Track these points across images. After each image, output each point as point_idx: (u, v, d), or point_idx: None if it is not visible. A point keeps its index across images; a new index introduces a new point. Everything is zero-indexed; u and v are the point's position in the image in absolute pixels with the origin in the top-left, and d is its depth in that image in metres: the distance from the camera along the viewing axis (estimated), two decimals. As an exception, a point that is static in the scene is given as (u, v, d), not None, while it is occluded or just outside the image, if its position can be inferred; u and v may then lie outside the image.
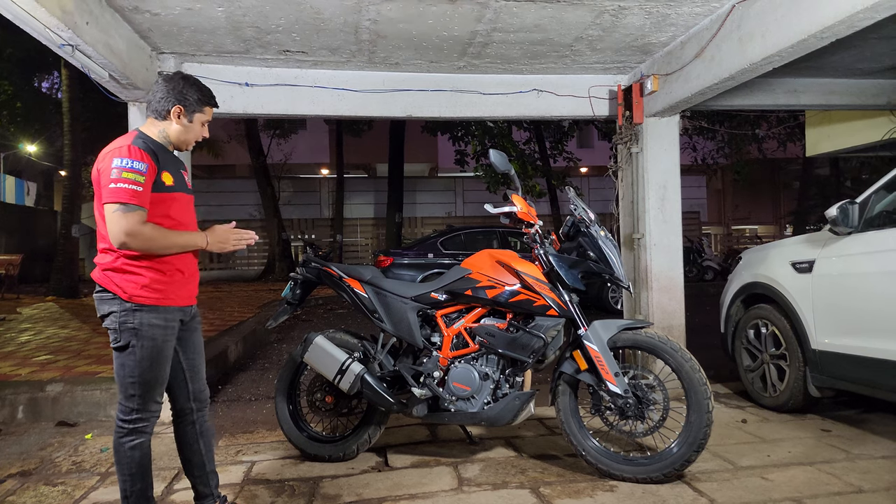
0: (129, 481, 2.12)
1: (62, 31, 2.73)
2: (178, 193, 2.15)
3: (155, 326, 2.07)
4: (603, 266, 2.81)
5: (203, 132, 2.26)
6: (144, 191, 1.99)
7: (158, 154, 2.09)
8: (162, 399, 2.18)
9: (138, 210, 1.97)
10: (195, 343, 2.30)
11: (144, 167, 1.99)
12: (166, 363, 2.14)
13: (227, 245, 2.19)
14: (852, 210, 3.26)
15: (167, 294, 2.10)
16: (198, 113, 2.20)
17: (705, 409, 2.62)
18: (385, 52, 3.96)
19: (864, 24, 2.69)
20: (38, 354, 5.01)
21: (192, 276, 2.22)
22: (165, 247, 2.06)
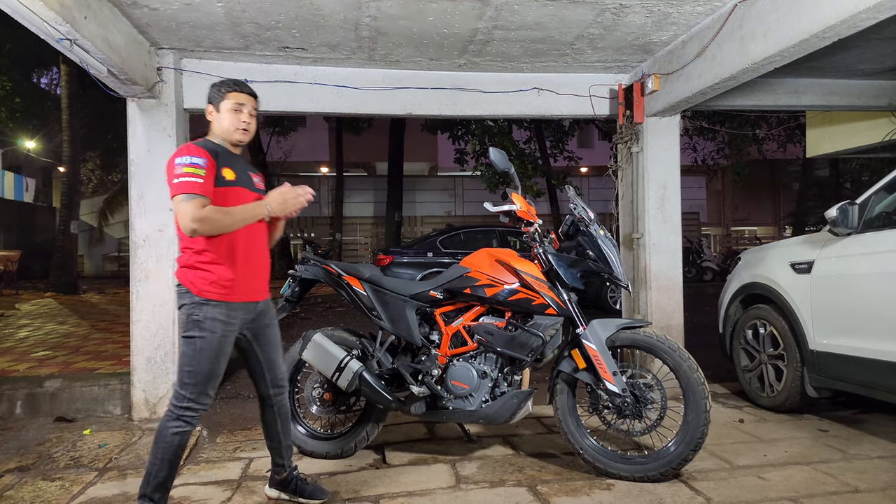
0: (158, 465, 2.22)
1: (60, 25, 2.72)
2: (240, 188, 2.26)
3: (216, 321, 2.19)
4: (602, 265, 2.81)
5: (240, 119, 2.28)
6: (205, 182, 2.12)
7: (219, 152, 2.24)
8: (213, 394, 2.27)
9: (200, 198, 2.09)
10: (269, 336, 2.45)
11: (203, 161, 2.13)
12: (222, 358, 2.24)
13: (287, 206, 2.27)
14: (852, 211, 3.26)
15: (233, 290, 2.22)
16: (222, 101, 2.29)
17: (703, 408, 2.63)
18: (385, 50, 3.95)
19: (866, 24, 2.68)
20: (36, 350, 5.00)
21: (260, 272, 2.33)
22: (231, 223, 2.17)
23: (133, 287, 3.84)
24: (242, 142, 2.33)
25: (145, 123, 3.86)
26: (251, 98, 2.33)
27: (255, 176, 2.41)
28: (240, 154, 2.36)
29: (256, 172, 2.44)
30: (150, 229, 3.84)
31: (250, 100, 2.32)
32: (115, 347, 5.00)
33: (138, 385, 3.80)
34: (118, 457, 3.12)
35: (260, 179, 2.44)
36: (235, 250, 2.23)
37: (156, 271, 3.83)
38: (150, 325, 3.82)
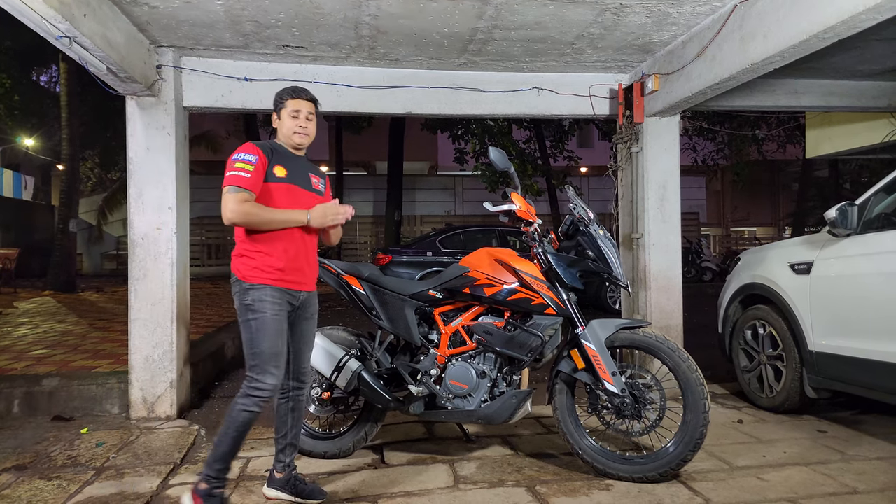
0: (222, 438, 2.36)
1: (59, 22, 2.71)
2: (290, 185, 2.39)
3: (264, 302, 2.32)
4: (601, 265, 2.81)
5: (297, 124, 2.44)
6: (252, 177, 2.27)
7: (275, 151, 2.40)
8: (277, 373, 2.35)
9: (243, 191, 2.25)
10: (304, 331, 2.54)
11: (255, 158, 2.30)
12: (277, 336, 2.35)
13: (326, 220, 2.36)
14: (851, 212, 3.26)
15: (276, 276, 2.34)
16: (282, 108, 2.45)
17: (702, 408, 2.62)
18: (385, 49, 3.94)
19: (865, 24, 2.68)
20: (34, 349, 4.99)
21: (303, 263, 2.43)
22: (267, 221, 2.30)
23: (131, 285, 3.83)
24: (302, 144, 2.47)
25: (144, 121, 3.85)
26: (308, 103, 2.47)
27: (316, 177, 2.54)
28: (302, 156, 2.52)
29: (320, 175, 2.58)
30: (149, 227, 3.84)
31: (307, 104, 2.46)
32: (114, 346, 4.99)
33: (136, 384, 3.79)
34: (116, 456, 3.12)
35: (321, 181, 2.57)
36: (279, 241, 2.35)
37: (154, 269, 3.82)
38: (148, 323, 3.81)
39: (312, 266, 2.52)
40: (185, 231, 4.05)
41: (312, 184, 2.51)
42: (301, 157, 2.51)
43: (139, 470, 2.93)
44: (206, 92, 4.08)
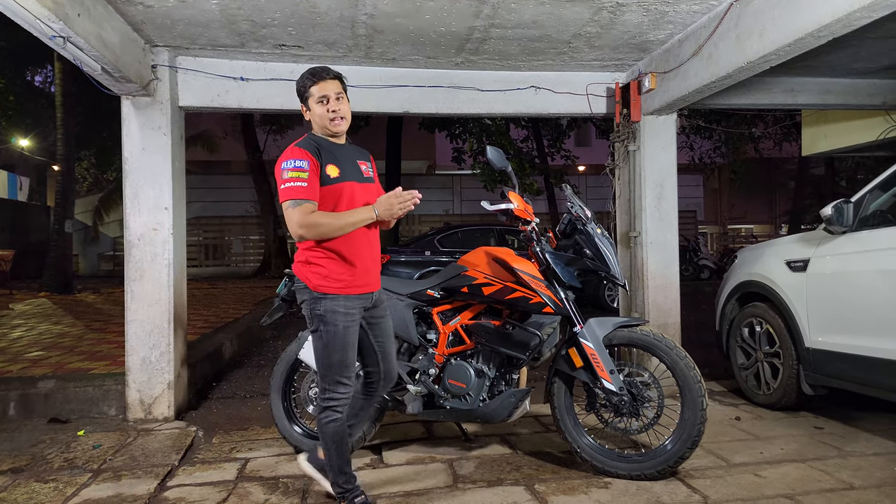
0: (329, 454, 2.36)
1: (53, 22, 2.69)
2: (347, 183, 2.24)
3: (336, 313, 2.23)
4: (599, 264, 2.81)
5: (328, 109, 2.26)
6: (310, 185, 2.15)
7: (322, 148, 2.24)
8: (349, 382, 2.31)
9: (306, 202, 2.14)
10: (385, 328, 2.45)
11: (306, 164, 2.16)
12: (349, 348, 2.28)
13: (393, 210, 2.23)
14: (847, 209, 3.27)
15: (346, 283, 2.24)
16: (309, 98, 2.28)
17: (699, 406, 2.63)
18: (382, 48, 3.94)
19: (860, 23, 2.68)
20: (30, 351, 4.97)
21: (370, 264, 2.33)
22: (338, 228, 2.19)
23: (127, 286, 3.82)
24: (340, 130, 2.29)
25: (140, 122, 3.83)
26: (333, 82, 2.27)
27: (364, 163, 2.38)
28: (344, 142, 2.36)
29: (365, 157, 2.42)
30: (145, 228, 3.82)
31: (332, 84, 2.26)
32: (110, 347, 4.97)
33: (133, 385, 3.78)
34: (112, 458, 3.10)
35: (368, 165, 2.41)
36: (345, 245, 2.24)
37: (150, 270, 3.81)
38: (144, 324, 3.80)
39: (378, 263, 2.40)
40: (181, 231, 4.04)
41: (363, 172, 2.34)
42: (344, 146, 2.34)
43: (136, 472, 2.92)
44: (202, 92, 4.06)
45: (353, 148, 2.40)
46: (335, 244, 2.23)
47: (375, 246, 2.36)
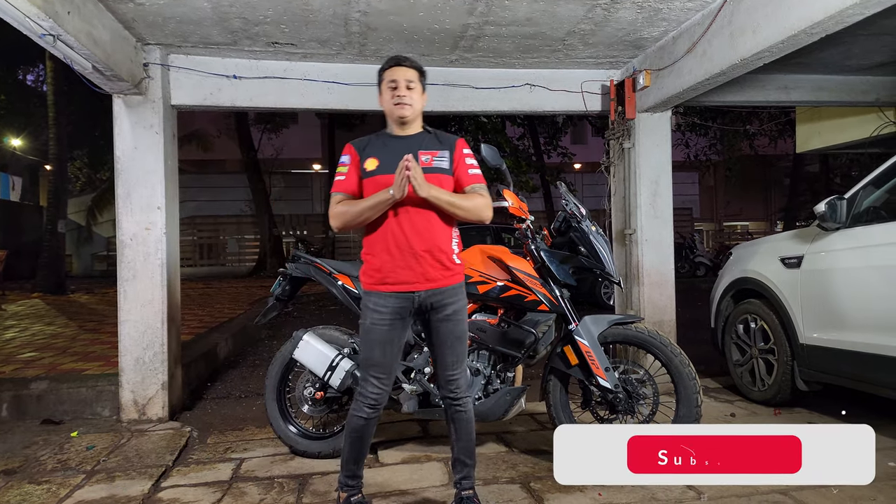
0: (344, 446, 2.33)
1: (43, 20, 2.67)
2: (380, 176, 2.18)
3: (369, 310, 2.22)
4: (594, 261, 2.81)
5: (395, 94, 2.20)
6: (346, 179, 2.24)
7: (370, 143, 2.27)
8: (376, 381, 2.23)
9: (337, 195, 2.23)
10: (440, 333, 2.25)
11: (347, 158, 2.26)
12: (375, 346, 2.21)
13: (401, 186, 2.07)
14: (840, 206, 3.27)
15: (376, 279, 2.21)
16: (381, 83, 2.28)
17: (694, 403, 2.63)
18: (376, 45, 3.92)
19: (853, 19, 2.69)
20: (23, 352, 4.94)
21: (409, 260, 2.15)
22: (357, 214, 2.18)
23: (120, 286, 3.79)
24: (405, 116, 2.21)
25: (132, 120, 3.81)
26: (406, 69, 2.22)
27: (430, 153, 2.22)
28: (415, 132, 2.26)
29: (437, 146, 2.24)
30: (138, 228, 3.80)
31: (404, 71, 2.22)
32: (104, 348, 4.94)
33: (126, 386, 3.75)
34: (106, 459, 3.08)
35: (440, 156, 2.22)
36: (383, 240, 2.19)
37: (143, 270, 3.78)
38: (138, 324, 3.77)
39: (426, 258, 2.16)
40: (174, 231, 4.01)
41: (421, 162, 2.16)
42: (408, 137, 2.24)
43: (130, 473, 2.90)
44: (195, 90, 4.04)
45: (427, 138, 2.26)
46: (368, 239, 2.23)
47: (415, 238, 2.15)
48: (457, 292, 2.24)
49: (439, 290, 2.19)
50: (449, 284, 2.21)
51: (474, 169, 2.28)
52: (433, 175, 2.16)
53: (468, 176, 2.25)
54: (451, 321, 2.23)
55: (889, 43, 4.07)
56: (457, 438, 2.33)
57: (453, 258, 2.24)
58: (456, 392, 2.29)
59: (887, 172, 3.24)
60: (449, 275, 2.21)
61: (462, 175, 2.25)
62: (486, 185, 2.28)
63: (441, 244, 2.19)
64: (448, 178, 2.22)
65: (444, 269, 2.19)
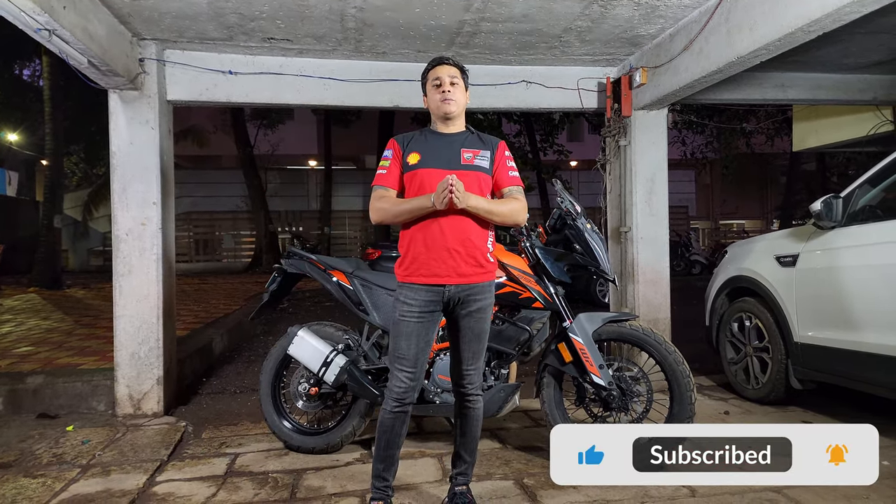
0: (377, 443, 2.32)
1: (38, 14, 2.66)
2: (421, 170, 2.23)
3: (400, 302, 2.24)
4: (588, 259, 2.81)
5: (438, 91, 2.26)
6: (388, 173, 2.28)
7: (413, 139, 2.31)
8: (402, 376, 2.23)
9: (378, 188, 2.27)
10: (462, 329, 2.27)
11: (390, 153, 2.30)
12: (401, 338, 2.23)
13: (441, 199, 2.09)
14: (836, 204, 3.28)
15: (411, 271, 2.22)
16: (426, 83, 2.32)
17: (688, 400, 2.64)
18: (371, 41, 3.91)
19: (850, 17, 2.69)
20: (18, 346, 4.93)
21: (442, 253, 2.17)
22: (396, 213, 2.22)
23: (116, 282, 3.79)
24: (450, 112, 2.26)
25: (127, 115, 3.80)
26: (449, 67, 2.28)
27: (472, 150, 2.26)
28: (458, 130, 2.30)
29: (480, 146, 2.28)
30: (133, 223, 3.79)
31: (447, 69, 2.27)
32: (99, 343, 4.94)
33: (122, 381, 3.75)
34: (101, 453, 3.09)
35: (482, 154, 2.26)
36: (420, 235, 2.21)
37: (139, 265, 3.78)
38: (133, 319, 3.77)
39: (460, 254, 2.18)
40: (170, 226, 4.01)
41: (463, 160, 2.23)
42: (452, 134, 2.29)
43: (125, 467, 2.90)
44: (191, 85, 4.03)
45: (468, 136, 2.31)
46: (406, 233, 2.25)
47: (451, 235, 2.17)
48: (486, 290, 2.27)
49: (469, 285, 2.22)
50: (480, 281, 2.24)
51: (514, 172, 2.34)
52: (473, 173, 2.23)
53: (508, 178, 2.31)
54: (475, 317, 2.25)
55: (886, 41, 4.08)
56: (461, 433, 2.36)
57: (487, 256, 2.26)
58: (468, 388, 2.31)
59: (883, 171, 3.25)
60: (482, 272, 2.24)
61: (502, 176, 2.30)
62: (523, 187, 2.34)
63: (476, 241, 2.22)
64: (487, 178, 2.27)
65: (477, 265, 2.23)
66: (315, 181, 22.10)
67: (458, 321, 2.26)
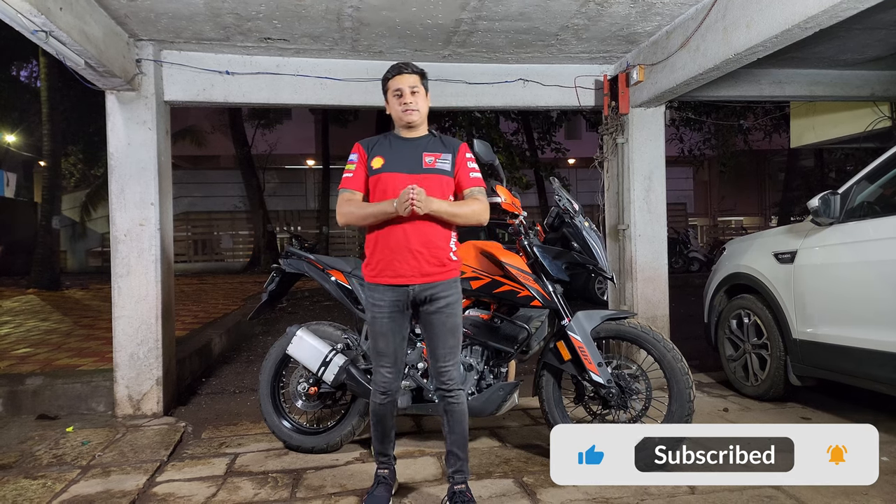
0: (372, 428, 2.48)
1: (35, 16, 2.65)
2: (385, 174, 2.31)
3: (370, 304, 2.35)
4: (586, 257, 2.81)
5: (401, 101, 2.33)
6: (354, 176, 2.35)
7: (378, 143, 2.39)
8: (384, 370, 2.37)
9: (345, 192, 2.35)
10: (435, 324, 2.34)
11: (355, 157, 2.38)
12: (378, 337, 2.35)
13: (404, 203, 2.17)
14: (834, 201, 3.28)
15: (377, 273, 2.32)
16: (387, 93, 2.39)
17: (686, 398, 2.64)
18: (368, 41, 3.91)
19: (846, 14, 2.69)
20: (17, 347, 4.93)
21: (405, 254, 2.26)
22: (361, 217, 2.31)
23: (114, 283, 3.79)
24: (413, 121, 2.34)
25: (125, 116, 3.79)
26: (409, 76, 2.34)
27: (434, 154, 2.33)
28: (421, 135, 2.38)
29: (441, 149, 2.36)
30: (131, 224, 3.79)
31: (406, 78, 2.33)
32: (98, 344, 4.94)
33: (121, 381, 3.75)
34: (101, 454, 3.09)
35: (443, 158, 2.34)
36: (380, 236, 2.30)
37: (137, 266, 3.78)
38: (132, 320, 3.77)
39: (423, 255, 2.26)
40: (168, 227, 4.01)
41: (425, 163, 2.30)
42: (415, 139, 2.37)
43: (125, 468, 2.91)
44: (188, 86, 4.02)
45: (432, 141, 2.39)
46: (371, 237, 2.34)
47: (414, 238, 2.25)
48: (451, 286, 2.33)
49: (433, 284, 2.29)
50: (443, 279, 2.31)
51: (475, 173, 2.40)
52: (436, 176, 2.31)
53: (469, 179, 2.38)
54: (444, 313, 2.32)
55: (884, 37, 4.08)
56: (450, 431, 2.39)
57: (450, 255, 2.34)
58: (449, 384, 2.36)
59: (881, 167, 3.26)
60: (444, 270, 2.31)
61: (463, 178, 2.37)
62: (485, 188, 2.40)
63: (439, 242, 2.30)
64: (449, 180, 2.35)
65: (440, 265, 2.30)
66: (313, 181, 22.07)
67: (429, 318, 2.33)
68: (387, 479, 2.50)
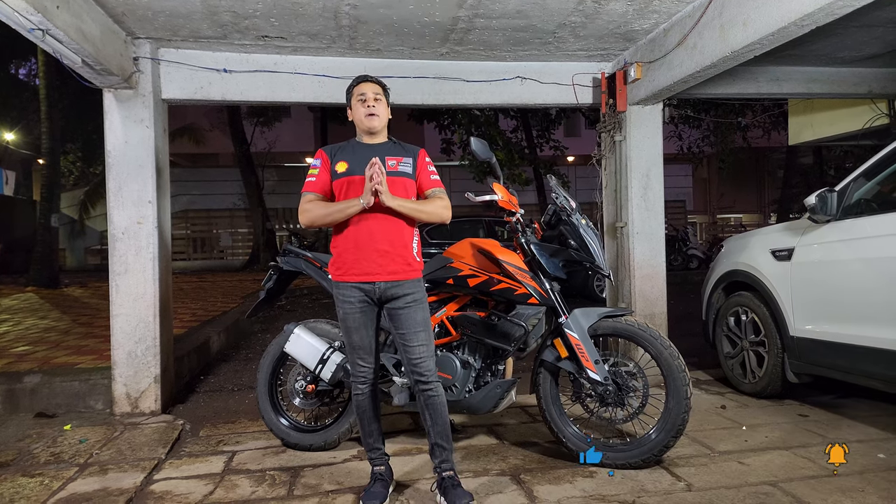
0: (359, 423, 2.57)
1: (31, 14, 2.65)
2: (350, 178, 2.40)
3: (339, 300, 2.44)
4: (584, 254, 2.81)
5: (363, 105, 2.46)
6: (317, 179, 2.45)
7: (341, 149, 2.50)
8: (362, 363, 2.47)
9: (307, 194, 2.43)
10: (402, 321, 2.42)
11: (318, 161, 2.48)
12: (351, 332, 2.44)
13: (369, 190, 2.28)
14: (830, 198, 3.29)
15: (342, 271, 2.41)
16: (351, 98, 2.52)
17: (684, 395, 2.65)
18: (366, 38, 3.90)
19: (843, 11, 2.69)
20: (16, 345, 4.93)
21: (370, 253, 2.36)
22: (324, 215, 2.39)
23: (112, 280, 3.79)
24: (374, 126, 2.47)
25: (122, 114, 3.79)
26: (372, 84, 2.50)
27: (396, 158, 2.45)
28: (381, 141, 2.50)
29: (405, 154, 2.49)
30: (129, 222, 3.79)
31: (370, 86, 2.49)
32: (97, 342, 4.94)
33: (119, 379, 3.76)
34: (99, 452, 3.09)
35: (407, 160, 2.47)
36: (351, 237, 2.39)
37: (135, 264, 3.78)
38: (130, 318, 3.77)
39: (389, 254, 2.36)
40: (166, 225, 4.01)
41: (388, 167, 2.39)
42: (377, 144, 2.49)
43: (123, 465, 2.91)
44: (185, 84, 4.02)
45: (393, 146, 2.52)
46: (337, 236, 2.43)
47: (379, 236, 2.35)
48: (415, 285, 2.44)
49: (398, 282, 2.39)
50: (409, 278, 2.41)
51: (434, 175, 2.55)
52: (398, 178, 2.42)
53: (430, 181, 2.51)
54: (412, 307, 2.41)
55: (881, 35, 4.08)
56: (432, 423, 2.45)
57: (414, 255, 2.45)
58: (426, 375, 2.42)
59: (878, 164, 3.26)
60: (409, 269, 2.42)
61: (424, 180, 2.51)
62: (444, 188, 2.53)
63: (404, 240, 2.41)
64: (411, 182, 2.47)
65: (406, 264, 2.41)
66: (312, 179, 22.02)
67: (398, 314, 2.41)
68: (384, 476, 2.52)
